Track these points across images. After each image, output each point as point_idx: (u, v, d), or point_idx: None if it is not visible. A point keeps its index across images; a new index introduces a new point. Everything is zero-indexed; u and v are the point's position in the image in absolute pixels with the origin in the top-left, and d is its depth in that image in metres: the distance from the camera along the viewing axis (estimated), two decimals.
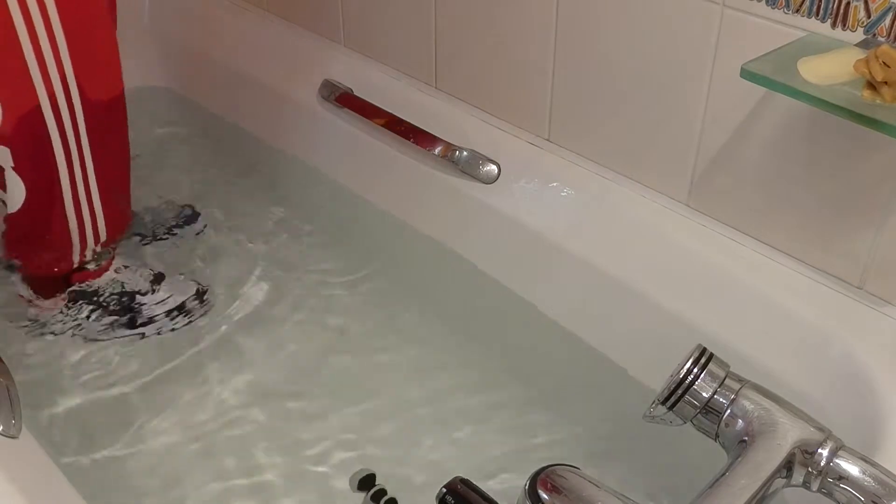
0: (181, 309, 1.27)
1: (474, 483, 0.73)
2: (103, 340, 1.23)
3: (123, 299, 1.27)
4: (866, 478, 0.64)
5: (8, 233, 1.21)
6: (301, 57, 1.47)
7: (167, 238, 1.43)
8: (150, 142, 1.61)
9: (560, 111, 1.17)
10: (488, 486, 0.96)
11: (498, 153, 1.22)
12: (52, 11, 1.06)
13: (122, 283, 1.28)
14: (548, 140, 1.20)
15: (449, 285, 1.30)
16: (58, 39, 1.08)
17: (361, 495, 1.06)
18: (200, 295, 1.30)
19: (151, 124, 1.65)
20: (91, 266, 1.26)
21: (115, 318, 1.25)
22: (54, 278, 1.25)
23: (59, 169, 1.15)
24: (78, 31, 1.09)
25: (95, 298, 1.26)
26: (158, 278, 1.30)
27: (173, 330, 1.25)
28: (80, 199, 1.19)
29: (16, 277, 1.26)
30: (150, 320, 1.25)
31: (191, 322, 1.26)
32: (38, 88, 1.08)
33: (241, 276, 1.37)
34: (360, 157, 1.38)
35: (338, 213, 1.44)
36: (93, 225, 1.22)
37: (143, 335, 1.24)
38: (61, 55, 1.09)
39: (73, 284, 1.26)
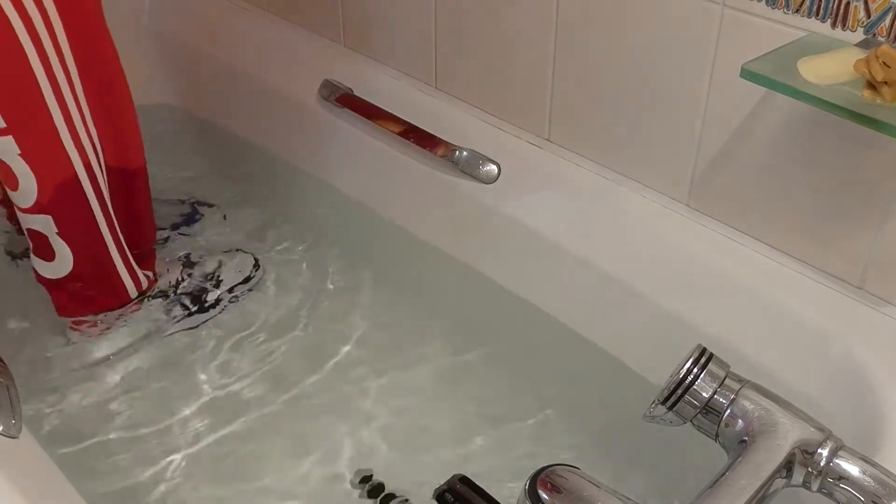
0: (247, 280, 1.34)
1: (473, 481, 0.73)
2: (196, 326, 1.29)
3: (190, 295, 1.30)
4: (866, 478, 0.64)
5: (60, 298, 1.21)
6: (301, 57, 1.47)
7: (169, 237, 1.43)
8: (149, 141, 1.61)
9: (560, 111, 1.17)
10: (488, 485, 0.96)
11: (498, 153, 1.22)
12: (76, 78, 1.09)
13: (177, 283, 1.29)
14: (548, 140, 1.20)
15: (448, 285, 1.30)
16: (81, 103, 1.10)
17: (362, 492, 1.06)
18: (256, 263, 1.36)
19: (150, 123, 1.65)
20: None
21: (188, 309, 1.29)
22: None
23: (101, 227, 1.17)
24: (101, 101, 1.12)
25: (166, 300, 1.29)
26: (189, 264, 1.33)
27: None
28: (120, 250, 1.20)
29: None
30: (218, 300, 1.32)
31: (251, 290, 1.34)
32: (70, 155, 1.10)
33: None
34: (359, 157, 1.38)
35: (337, 212, 1.44)
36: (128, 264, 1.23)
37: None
38: (87, 120, 1.11)
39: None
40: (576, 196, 1.15)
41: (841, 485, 0.65)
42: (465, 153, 1.22)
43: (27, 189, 1.10)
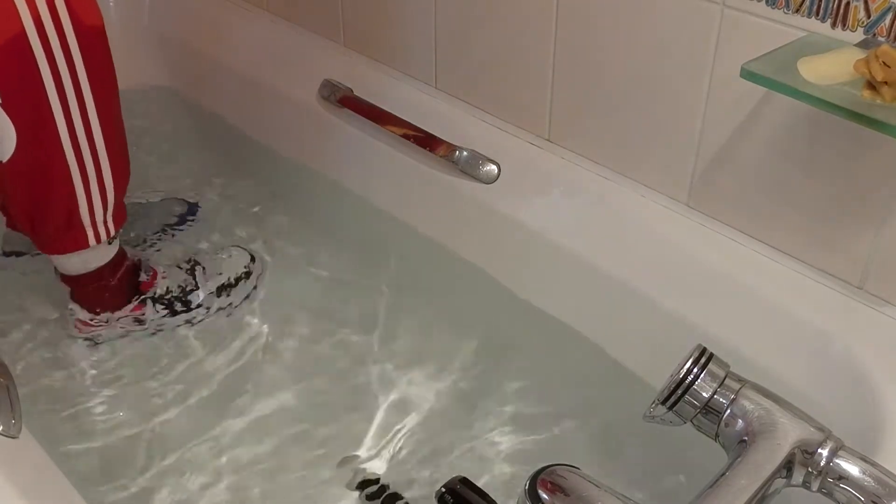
0: (248, 275, 1.34)
1: (474, 482, 0.73)
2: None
3: (186, 296, 1.29)
4: (866, 478, 0.64)
5: (11, 195, 1.12)
6: (301, 57, 1.47)
7: (169, 234, 1.43)
8: (149, 140, 1.61)
9: (560, 111, 1.17)
10: (488, 486, 0.96)
11: (498, 153, 1.22)
12: None
13: (177, 283, 1.28)
14: (548, 140, 1.20)
15: (448, 285, 1.30)
16: None
17: (363, 494, 1.06)
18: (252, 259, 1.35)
19: (150, 123, 1.65)
20: (143, 277, 1.26)
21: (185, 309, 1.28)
22: (107, 288, 1.23)
23: (52, 104, 1.05)
24: None
25: (163, 301, 1.27)
26: (193, 268, 1.31)
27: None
28: (80, 137, 1.09)
29: (71, 305, 1.23)
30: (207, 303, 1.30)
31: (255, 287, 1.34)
32: (20, 10, 1.00)
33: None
34: (359, 157, 1.38)
35: (336, 211, 1.44)
36: (97, 171, 1.13)
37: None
38: None
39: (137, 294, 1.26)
40: (576, 196, 1.15)
41: (841, 485, 0.65)
42: (465, 153, 1.22)
43: None
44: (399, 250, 1.35)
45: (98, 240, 1.17)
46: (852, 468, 0.65)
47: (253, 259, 1.35)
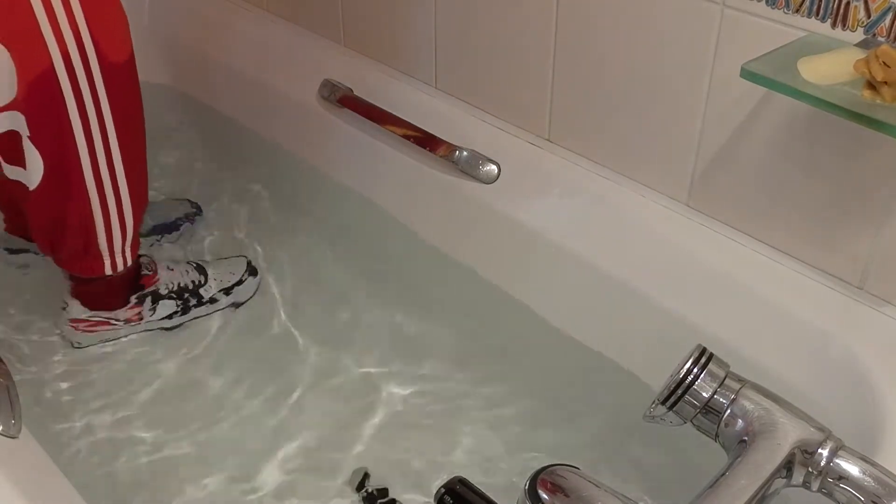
0: (240, 282, 1.33)
1: (473, 483, 0.72)
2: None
3: (187, 294, 1.29)
4: (866, 478, 0.64)
5: (33, 219, 1.16)
6: (301, 57, 1.47)
7: (172, 234, 1.43)
8: (148, 139, 1.61)
9: (560, 111, 1.17)
10: (488, 486, 0.96)
11: (498, 153, 1.22)
12: None
13: (179, 281, 1.28)
14: (548, 140, 1.20)
15: (447, 285, 1.30)
16: None
17: (362, 494, 1.06)
18: (250, 267, 1.35)
19: (150, 122, 1.65)
20: (145, 272, 1.26)
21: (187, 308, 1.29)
22: (108, 289, 1.23)
23: (77, 138, 1.09)
24: None
25: (163, 298, 1.27)
26: (201, 268, 1.32)
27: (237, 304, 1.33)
28: (102, 171, 1.13)
29: (68, 300, 1.23)
30: (213, 299, 1.31)
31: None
32: (50, 47, 1.03)
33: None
34: (359, 157, 1.38)
35: (336, 211, 1.44)
36: (117, 204, 1.16)
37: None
38: (73, 10, 1.03)
39: (134, 292, 1.25)
40: (576, 196, 1.15)
41: (841, 485, 0.65)
42: (465, 153, 1.22)
43: (3, 82, 1.03)
44: (399, 250, 1.35)
45: (115, 269, 1.20)
46: (852, 468, 0.65)
47: (250, 267, 1.35)
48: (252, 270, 1.34)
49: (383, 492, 1.06)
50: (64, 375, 1.21)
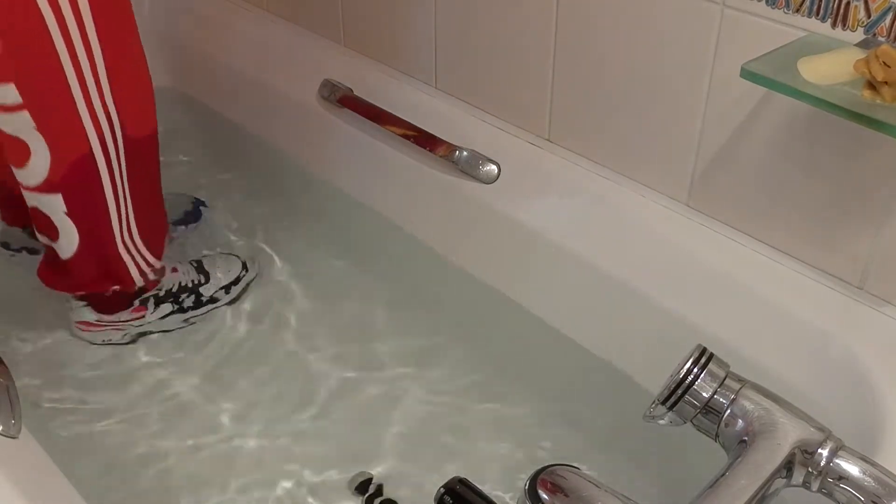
0: (237, 281, 1.33)
1: (472, 483, 0.72)
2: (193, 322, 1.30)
3: (188, 294, 1.29)
4: (866, 478, 0.64)
5: (73, 277, 1.19)
6: (301, 57, 1.47)
7: (173, 231, 1.43)
8: None
9: (560, 111, 1.17)
10: (488, 487, 0.96)
11: (498, 153, 1.22)
12: (97, 52, 1.05)
13: (180, 281, 1.28)
14: (548, 140, 1.20)
15: (447, 285, 1.30)
16: (100, 74, 1.07)
17: (359, 497, 1.06)
18: (245, 265, 1.35)
19: None
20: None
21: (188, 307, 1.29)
22: (115, 294, 1.24)
23: (110, 206, 1.15)
24: (119, 68, 1.09)
25: (166, 300, 1.27)
26: (200, 267, 1.32)
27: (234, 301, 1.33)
28: (125, 234, 1.19)
29: (75, 304, 1.23)
30: (213, 298, 1.31)
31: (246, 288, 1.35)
32: (87, 130, 1.08)
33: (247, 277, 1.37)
34: (359, 157, 1.38)
35: (336, 211, 1.44)
36: (140, 254, 1.22)
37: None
38: (104, 93, 1.08)
39: (139, 295, 1.25)
40: (576, 196, 1.15)
41: (841, 485, 0.65)
42: (465, 153, 1.22)
43: (38, 166, 1.07)
44: (398, 250, 1.35)
45: (144, 277, 1.22)
46: (852, 468, 0.65)
47: (245, 267, 1.35)
48: (245, 266, 1.34)
49: (379, 488, 1.06)
50: (65, 376, 1.21)
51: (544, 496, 0.64)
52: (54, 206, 1.11)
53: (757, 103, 0.95)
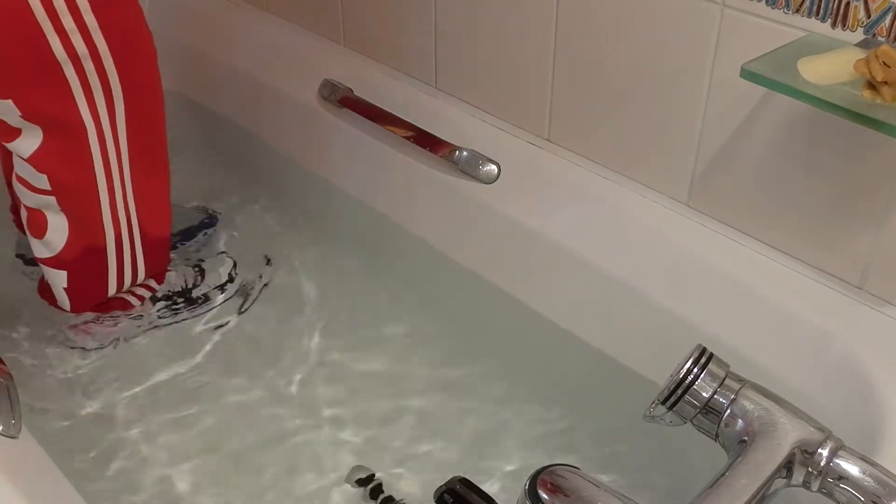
0: (231, 280, 1.35)
1: (473, 482, 0.73)
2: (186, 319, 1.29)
3: (182, 295, 1.30)
4: (866, 478, 0.64)
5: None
6: (301, 57, 1.47)
7: (188, 243, 1.42)
8: None
9: (560, 111, 1.17)
10: (488, 487, 0.96)
11: (498, 153, 1.22)
12: (126, 165, 1.11)
13: (174, 283, 1.29)
14: (548, 140, 1.20)
15: (447, 285, 1.30)
16: (126, 184, 1.13)
17: (360, 491, 1.06)
18: (235, 266, 1.37)
19: None
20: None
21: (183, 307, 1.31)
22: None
23: (110, 286, 1.20)
24: (146, 180, 1.16)
25: (161, 300, 1.29)
26: (201, 269, 1.34)
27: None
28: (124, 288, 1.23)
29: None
30: (207, 297, 1.32)
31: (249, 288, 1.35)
32: (106, 229, 1.14)
33: (240, 270, 1.37)
34: (359, 157, 1.38)
35: (335, 211, 1.44)
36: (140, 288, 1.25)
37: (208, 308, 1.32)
38: (127, 195, 1.14)
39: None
40: (576, 196, 1.15)
41: (841, 485, 0.65)
42: (465, 153, 1.22)
43: (53, 242, 1.13)
44: (398, 250, 1.35)
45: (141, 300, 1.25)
46: (852, 468, 0.65)
47: (235, 266, 1.36)
48: (234, 265, 1.35)
49: (378, 488, 1.06)
50: (66, 377, 1.21)
51: (544, 496, 0.64)
52: (58, 280, 1.17)
53: (757, 103, 0.95)
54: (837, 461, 0.65)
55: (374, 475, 1.07)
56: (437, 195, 1.27)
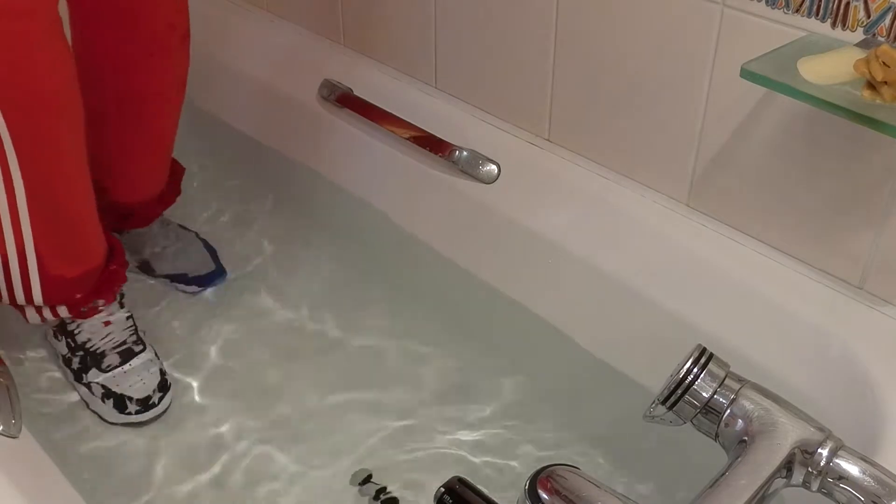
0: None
1: (473, 483, 0.73)
2: None
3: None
4: (866, 478, 0.64)
5: None
6: (301, 57, 1.47)
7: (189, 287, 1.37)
8: None
9: (560, 111, 1.17)
10: (487, 486, 0.96)
11: (498, 153, 1.22)
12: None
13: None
14: (548, 140, 1.20)
15: (447, 285, 1.29)
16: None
17: (360, 491, 1.06)
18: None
19: None
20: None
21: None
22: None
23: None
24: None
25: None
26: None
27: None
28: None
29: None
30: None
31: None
32: None
33: (240, 270, 1.37)
34: (359, 157, 1.38)
35: (335, 211, 1.44)
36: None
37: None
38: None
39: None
40: (576, 196, 1.15)
41: (841, 485, 0.65)
42: (465, 153, 1.22)
43: None
44: (398, 250, 1.35)
45: (42, 318, 1.14)
46: (852, 468, 0.65)
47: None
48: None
49: (381, 490, 1.06)
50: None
51: (544, 496, 0.64)
52: None
53: (757, 103, 0.95)
54: (837, 461, 0.65)
55: (371, 475, 1.07)
56: (437, 195, 1.27)
